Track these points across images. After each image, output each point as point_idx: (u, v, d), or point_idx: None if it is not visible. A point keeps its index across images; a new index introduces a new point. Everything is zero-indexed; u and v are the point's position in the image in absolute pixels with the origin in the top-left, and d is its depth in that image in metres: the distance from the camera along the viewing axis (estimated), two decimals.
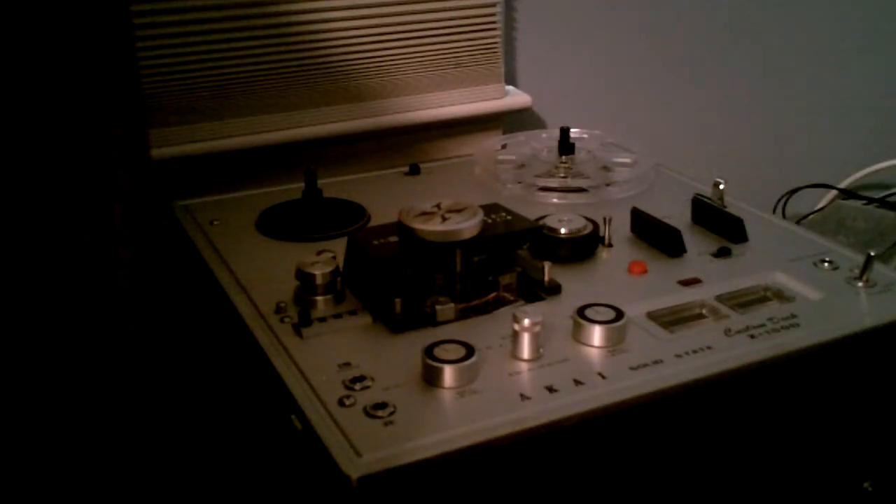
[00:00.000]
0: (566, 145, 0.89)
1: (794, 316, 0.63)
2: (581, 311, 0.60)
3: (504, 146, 0.96)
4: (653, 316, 0.62)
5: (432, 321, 0.61)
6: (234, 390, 0.72)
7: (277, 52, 0.91)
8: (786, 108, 1.33)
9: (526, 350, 0.57)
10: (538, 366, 0.57)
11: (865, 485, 0.68)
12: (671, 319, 0.62)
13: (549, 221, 0.71)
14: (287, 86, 0.93)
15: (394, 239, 0.64)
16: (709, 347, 0.59)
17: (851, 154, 1.38)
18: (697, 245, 0.73)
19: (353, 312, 0.62)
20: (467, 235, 0.61)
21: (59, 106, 0.62)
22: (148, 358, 0.73)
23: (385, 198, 0.84)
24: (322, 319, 0.61)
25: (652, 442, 0.57)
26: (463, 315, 0.62)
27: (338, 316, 0.62)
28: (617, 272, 0.69)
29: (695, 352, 0.58)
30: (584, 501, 0.56)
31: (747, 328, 0.61)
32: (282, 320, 0.62)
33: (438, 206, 0.63)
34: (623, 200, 0.83)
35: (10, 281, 0.66)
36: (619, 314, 0.59)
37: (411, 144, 1.02)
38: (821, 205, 1.33)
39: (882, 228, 1.16)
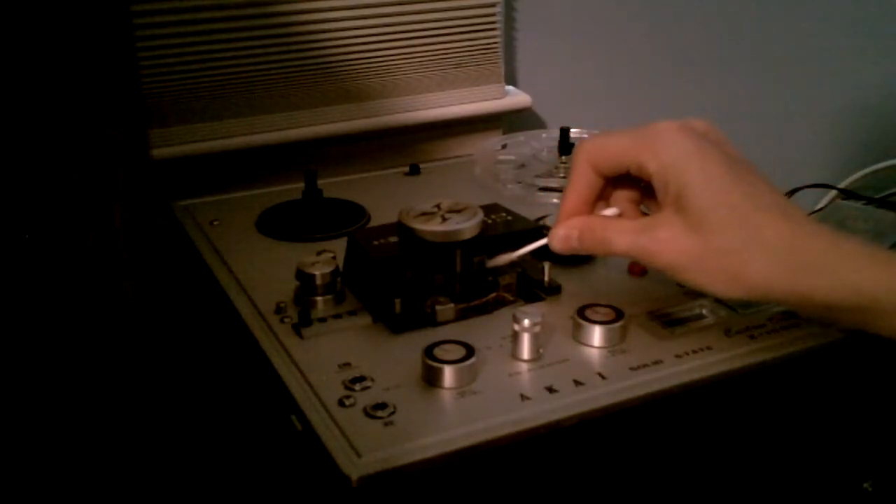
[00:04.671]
0: (566, 145, 0.89)
1: (794, 316, 0.63)
2: (581, 312, 0.60)
3: (504, 146, 0.96)
4: (653, 316, 0.62)
5: (432, 321, 0.61)
6: (234, 390, 0.72)
7: (277, 52, 0.91)
8: (786, 108, 1.33)
9: (526, 350, 0.57)
10: (538, 366, 0.57)
11: (865, 485, 0.68)
12: (671, 319, 0.62)
13: (550, 221, 0.71)
14: (287, 86, 0.93)
15: (394, 239, 0.64)
16: (709, 347, 0.59)
17: (851, 154, 1.38)
18: None
19: (353, 312, 0.62)
20: (467, 235, 0.61)
21: (59, 107, 0.62)
22: (148, 358, 0.73)
23: (385, 198, 0.84)
24: (322, 320, 0.61)
25: (652, 442, 0.57)
26: (463, 315, 0.62)
27: (338, 316, 0.62)
28: (617, 272, 0.69)
29: (695, 352, 0.58)
30: (584, 501, 0.56)
31: (747, 328, 0.61)
32: (282, 320, 0.62)
33: (438, 206, 0.63)
34: None
35: (10, 281, 0.66)
36: (619, 314, 0.59)
37: (411, 144, 1.02)
38: (821, 205, 1.33)
39: (882, 228, 1.16)
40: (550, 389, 0.54)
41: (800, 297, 0.50)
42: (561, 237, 0.56)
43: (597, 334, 0.58)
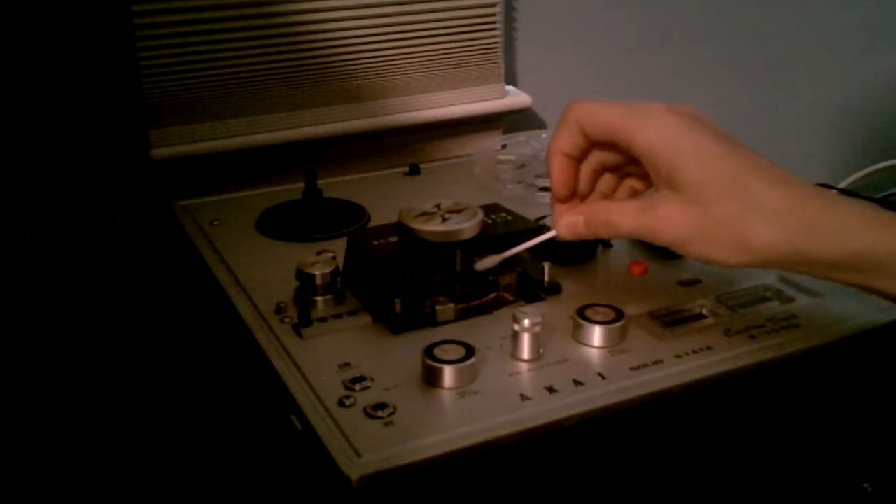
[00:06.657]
0: None
1: (794, 316, 0.63)
2: (581, 312, 0.60)
3: (504, 146, 0.96)
4: (653, 316, 0.62)
5: (432, 321, 0.61)
6: (234, 390, 0.72)
7: (277, 52, 0.91)
8: (786, 108, 1.33)
9: (526, 350, 0.57)
10: (538, 366, 0.56)
11: (865, 485, 0.68)
12: (671, 319, 0.62)
13: (549, 221, 0.71)
14: (287, 86, 0.93)
15: (394, 239, 0.64)
16: (709, 347, 0.59)
17: (851, 154, 1.38)
18: None
19: (353, 313, 0.62)
20: (467, 235, 0.61)
21: (59, 107, 0.62)
22: (148, 358, 0.73)
23: (385, 198, 0.84)
24: (322, 320, 0.61)
25: (652, 442, 0.57)
26: (463, 315, 0.62)
27: (338, 316, 0.62)
28: (617, 272, 0.69)
29: (695, 352, 0.58)
30: (585, 501, 0.56)
31: (747, 328, 0.61)
32: (282, 320, 0.62)
33: (438, 206, 0.63)
34: None
35: (10, 281, 0.66)
36: (619, 314, 0.59)
37: (411, 144, 1.02)
38: None
39: None
40: (550, 389, 0.54)
41: (803, 258, 0.51)
42: (567, 223, 0.57)
43: (597, 334, 0.58)
